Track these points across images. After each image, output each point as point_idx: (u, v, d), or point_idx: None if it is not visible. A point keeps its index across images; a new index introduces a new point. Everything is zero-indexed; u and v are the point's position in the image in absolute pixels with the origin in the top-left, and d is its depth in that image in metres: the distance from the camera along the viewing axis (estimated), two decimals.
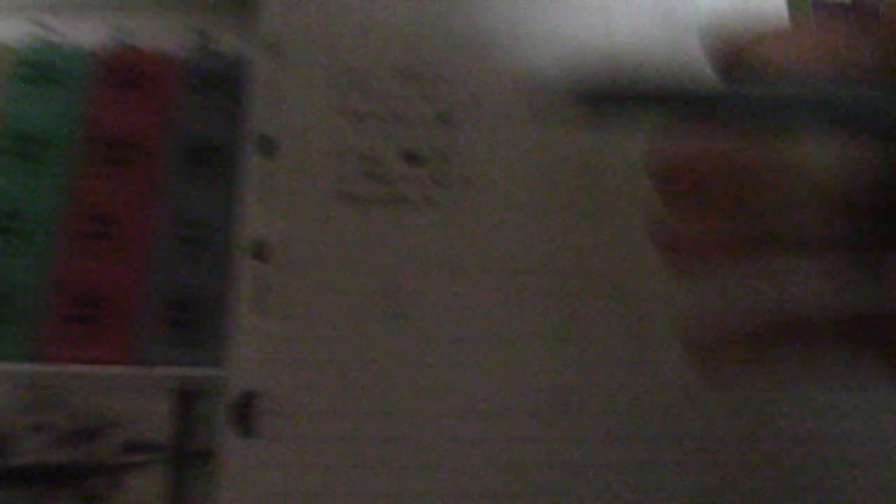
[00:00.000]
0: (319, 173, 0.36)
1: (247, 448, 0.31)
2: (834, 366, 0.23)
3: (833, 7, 0.41)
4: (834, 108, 0.20)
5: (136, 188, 0.35)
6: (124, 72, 0.37)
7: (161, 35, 0.39)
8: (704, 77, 0.22)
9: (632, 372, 0.34)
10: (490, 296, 0.35)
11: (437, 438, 0.32)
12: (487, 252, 0.36)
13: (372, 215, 0.36)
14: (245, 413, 0.31)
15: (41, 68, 0.36)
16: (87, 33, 0.38)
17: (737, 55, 0.22)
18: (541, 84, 0.37)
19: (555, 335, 0.34)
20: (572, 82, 0.21)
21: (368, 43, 0.39)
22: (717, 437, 0.33)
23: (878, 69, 0.20)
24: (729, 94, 0.21)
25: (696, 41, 0.39)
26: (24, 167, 0.34)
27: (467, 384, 0.33)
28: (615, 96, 0.21)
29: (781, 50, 0.21)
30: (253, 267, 0.34)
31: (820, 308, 0.22)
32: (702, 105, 0.21)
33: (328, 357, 0.33)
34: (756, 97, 0.21)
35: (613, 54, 0.40)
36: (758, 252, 0.22)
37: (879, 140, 0.20)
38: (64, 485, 0.30)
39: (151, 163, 0.35)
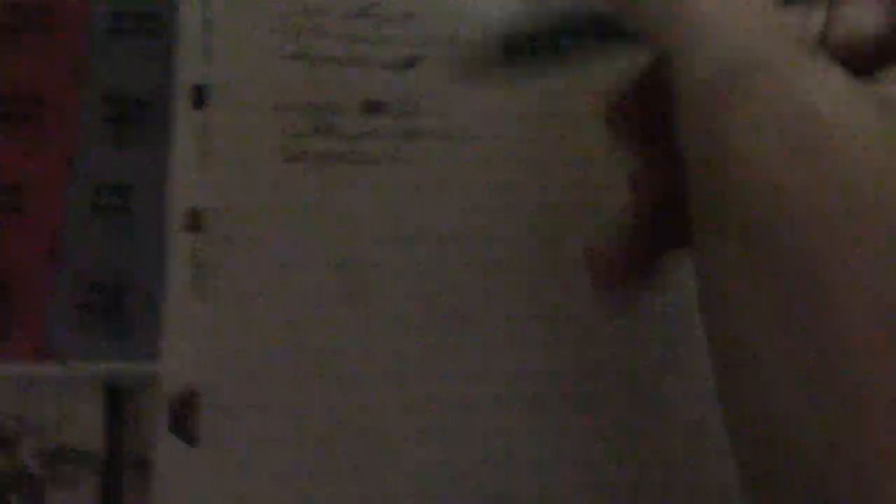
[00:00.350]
0: (264, 128, 0.31)
1: (187, 455, 0.26)
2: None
3: None
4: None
5: (44, 153, 0.29)
6: (23, 12, 0.31)
7: None
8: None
9: (614, 356, 0.30)
10: (463, 269, 0.31)
11: (402, 433, 0.28)
12: (462, 217, 0.31)
13: (326, 175, 0.31)
14: (184, 414, 0.27)
15: None
16: None
17: None
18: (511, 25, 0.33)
19: (531, 313, 0.30)
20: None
21: None
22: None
23: None
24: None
25: None
26: None
27: (435, 371, 0.29)
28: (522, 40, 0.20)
29: None
30: (188, 241, 0.29)
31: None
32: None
33: (279, 344, 0.28)
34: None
35: None
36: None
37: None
38: None
39: (61, 122, 0.30)
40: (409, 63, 0.33)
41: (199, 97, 0.31)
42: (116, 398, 0.27)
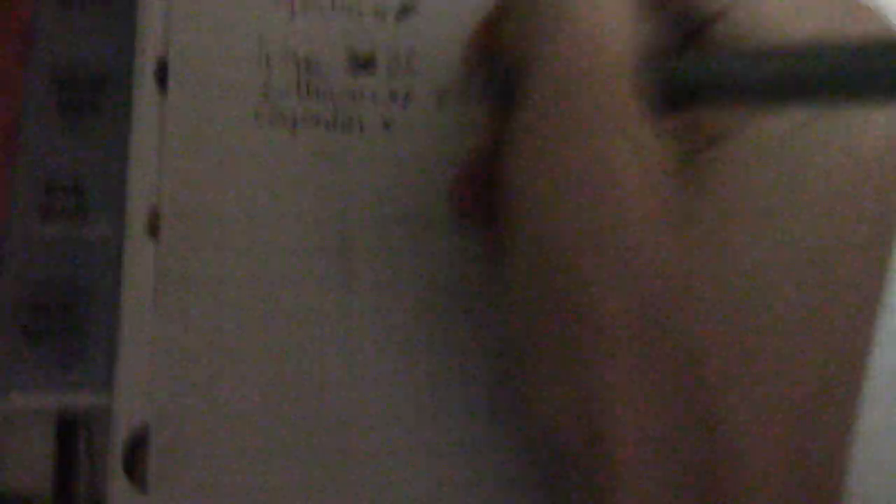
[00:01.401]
0: (237, 91, 0.27)
1: (142, 500, 0.23)
2: None
3: None
4: None
5: None
6: None
7: None
8: None
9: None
10: (463, 253, 0.26)
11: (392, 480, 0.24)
12: None
13: (308, 145, 0.27)
14: (137, 455, 0.23)
15: None
16: None
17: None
18: None
19: None
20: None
21: None
22: None
23: None
24: None
25: None
26: None
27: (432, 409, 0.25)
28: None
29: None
30: (148, 248, 0.25)
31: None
32: None
33: (252, 368, 0.25)
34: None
35: None
36: None
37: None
38: None
39: (6, 104, 0.26)
40: (405, 9, 0.28)
41: (165, 76, 0.26)
42: (68, 433, 0.24)
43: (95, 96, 0.26)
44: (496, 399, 0.25)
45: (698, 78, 0.19)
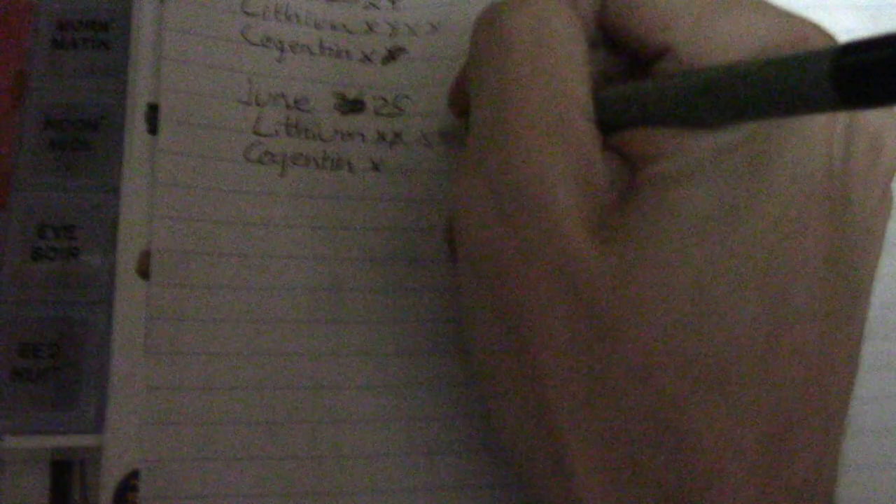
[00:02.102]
0: (228, 130, 0.27)
1: None
2: None
3: None
4: None
5: None
6: None
7: None
8: None
9: None
10: (455, 291, 0.26)
11: None
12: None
13: (298, 185, 0.27)
14: (129, 499, 0.23)
15: None
16: None
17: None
18: None
19: None
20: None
21: None
22: None
23: None
24: None
25: None
26: None
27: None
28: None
29: None
30: (138, 287, 0.25)
31: None
32: None
33: (245, 409, 0.25)
34: None
35: None
36: None
37: None
38: None
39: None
40: (395, 53, 0.29)
41: (155, 119, 0.27)
42: (62, 474, 0.24)
43: (88, 137, 0.26)
44: (488, 435, 0.25)
45: (628, 100, 0.20)
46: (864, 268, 0.20)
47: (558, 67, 0.19)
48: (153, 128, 0.26)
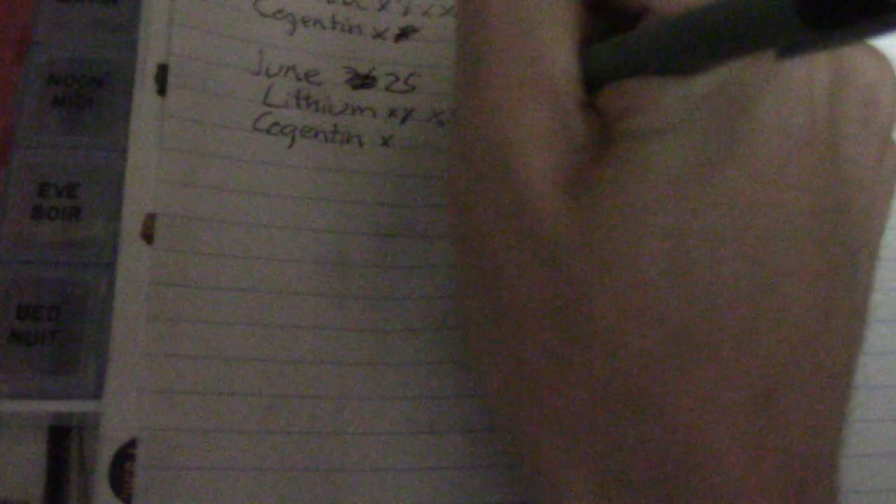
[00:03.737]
0: (236, 99, 0.27)
1: None
2: None
3: None
4: None
5: None
6: None
7: None
8: None
9: None
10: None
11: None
12: None
13: (306, 157, 0.27)
14: (126, 468, 0.23)
15: None
16: None
17: None
18: None
19: None
20: None
21: None
22: None
23: None
24: None
25: None
26: None
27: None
28: None
29: None
30: (143, 253, 0.25)
31: None
32: None
33: (245, 379, 0.24)
34: None
35: None
36: None
37: None
38: None
39: (1, 101, 0.25)
40: (407, 30, 0.28)
41: (165, 80, 0.26)
42: (60, 440, 0.23)
43: (93, 94, 0.26)
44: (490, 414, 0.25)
45: (608, 53, 0.19)
46: (863, 225, 0.19)
47: (535, 25, 0.19)
48: (162, 88, 0.26)
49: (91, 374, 0.23)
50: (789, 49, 0.17)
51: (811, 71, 0.18)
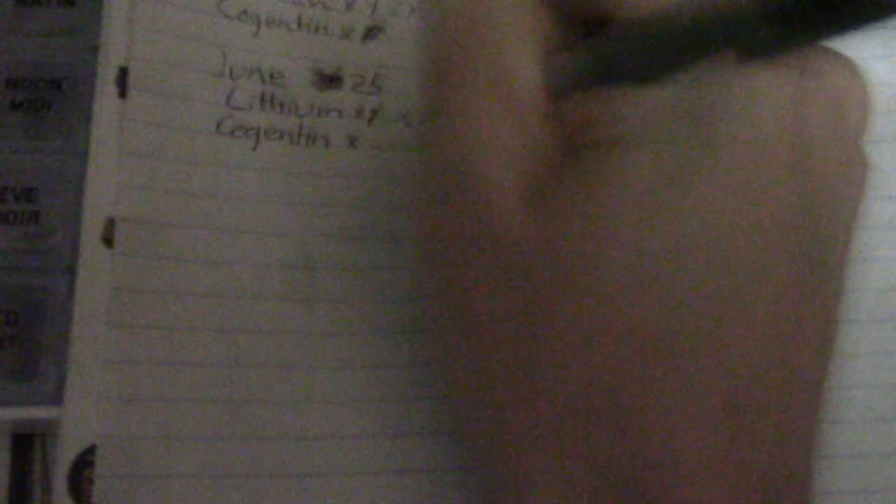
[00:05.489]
0: (199, 102, 0.26)
1: None
2: None
3: None
4: None
5: None
6: None
7: None
8: None
9: None
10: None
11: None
12: None
13: (271, 158, 0.26)
14: (86, 475, 0.22)
15: None
16: None
17: None
18: None
19: None
20: None
21: None
22: None
23: None
24: None
25: None
26: None
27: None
28: None
29: None
30: (103, 257, 0.24)
31: None
32: None
33: (208, 386, 0.24)
34: None
35: None
36: None
37: None
38: None
39: None
40: (373, 29, 0.28)
41: (126, 83, 0.26)
42: (23, 446, 0.23)
43: (52, 98, 0.25)
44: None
45: (574, 63, 0.19)
46: (833, 232, 0.19)
47: (498, 36, 0.19)
48: (123, 91, 0.26)
49: (52, 380, 0.23)
50: (753, 49, 0.17)
51: (777, 76, 0.18)
